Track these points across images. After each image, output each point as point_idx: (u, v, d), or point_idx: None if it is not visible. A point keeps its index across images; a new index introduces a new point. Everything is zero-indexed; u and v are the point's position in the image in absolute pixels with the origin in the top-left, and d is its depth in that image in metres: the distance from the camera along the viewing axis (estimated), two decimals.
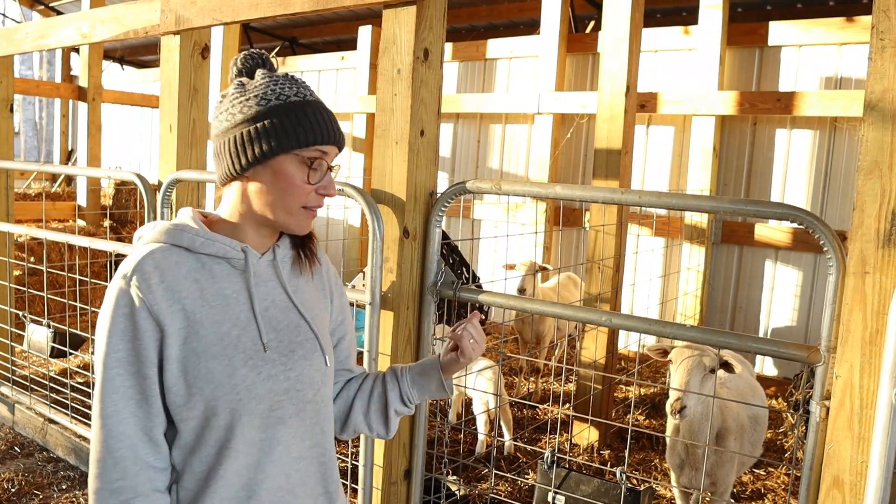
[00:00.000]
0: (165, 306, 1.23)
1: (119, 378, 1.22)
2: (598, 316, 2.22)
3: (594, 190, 2.18)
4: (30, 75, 15.12)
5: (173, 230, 1.29)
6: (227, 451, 1.26)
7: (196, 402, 1.24)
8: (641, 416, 4.73)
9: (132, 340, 1.22)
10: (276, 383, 1.29)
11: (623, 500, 2.25)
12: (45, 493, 3.62)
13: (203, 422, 1.25)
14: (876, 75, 1.66)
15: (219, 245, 1.29)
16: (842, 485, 1.74)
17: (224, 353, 1.25)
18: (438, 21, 2.37)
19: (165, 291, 1.23)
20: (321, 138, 1.29)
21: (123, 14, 3.28)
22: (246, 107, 1.28)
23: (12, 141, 4.65)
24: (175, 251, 1.28)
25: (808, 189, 5.48)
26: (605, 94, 4.09)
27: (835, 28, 5.25)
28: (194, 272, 1.27)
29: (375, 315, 2.41)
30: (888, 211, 1.64)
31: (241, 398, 1.25)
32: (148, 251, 1.27)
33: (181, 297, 1.24)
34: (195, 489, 1.27)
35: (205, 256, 1.29)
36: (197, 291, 1.26)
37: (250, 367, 1.26)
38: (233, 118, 1.29)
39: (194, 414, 1.25)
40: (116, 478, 1.21)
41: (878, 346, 1.66)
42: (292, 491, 1.33)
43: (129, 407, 1.22)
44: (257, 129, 1.26)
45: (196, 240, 1.28)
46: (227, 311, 1.27)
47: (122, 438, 1.21)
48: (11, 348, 4.47)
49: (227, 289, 1.29)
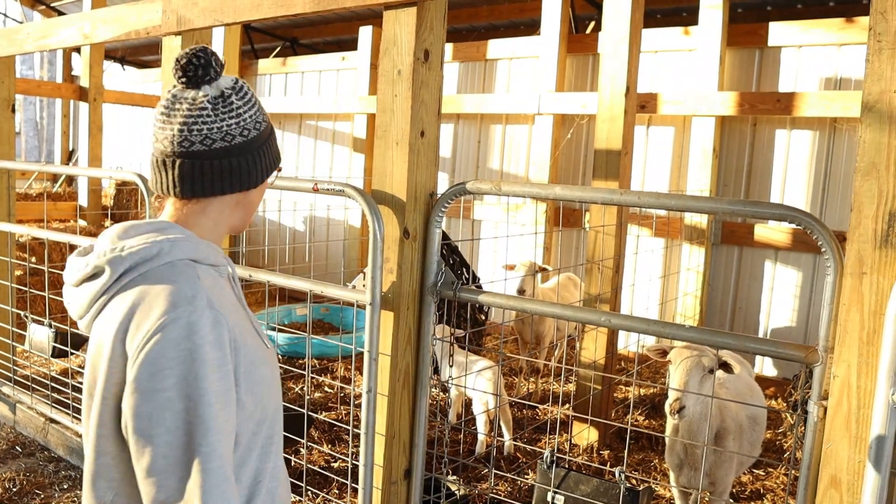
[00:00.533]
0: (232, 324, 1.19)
1: (221, 416, 1.12)
2: (597, 316, 2.23)
3: (593, 191, 2.19)
4: (31, 75, 15.14)
5: (188, 244, 1.24)
6: (269, 448, 1.30)
7: (259, 410, 1.25)
8: (641, 417, 4.73)
9: (221, 368, 1.13)
10: (278, 377, 1.39)
11: (622, 499, 2.25)
12: (46, 493, 3.63)
13: (256, 428, 1.26)
14: (873, 77, 1.66)
15: (217, 255, 1.30)
16: (839, 484, 1.75)
17: (262, 356, 1.29)
18: (439, 22, 2.38)
19: (222, 307, 1.19)
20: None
21: (125, 14, 3.29)
22: (245, 129, 1.29)
23: (13, 141, 4.66)
24: (192, 265, 1.23)
25: (807, 190, 5.49)
26: (605, 95, 4.10)
27: (834, 29, 5.26)
28: (215, 284, 1.26)
29: (376, 315, 2.42)
30: (885, 212, 1.65)
31: (274, 393, 1.33)
32: (192, 269, 1.21)
33: (227, 312, 1.21)
34: (245, 500, 1.25)
35: (211, 267, 1.28)
36: (227, 304, 1.24)
37: (272, 365, 1.34)
38: (233, 139, 1.27)
39: (253, 422, 1.24)
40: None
41: (876, 346, 1.66)
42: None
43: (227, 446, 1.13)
44: (269, 150, 1.34)
45: (210, 252, 1.28)
46: (239, 317, 1.28)
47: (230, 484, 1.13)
48: (13, 348, 4.48)
49: (230, 297, 1.31)
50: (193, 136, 1.25)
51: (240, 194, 1.33)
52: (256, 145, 1.31)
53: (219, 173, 1.27)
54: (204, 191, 1.28)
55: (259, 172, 1.33)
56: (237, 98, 1.29)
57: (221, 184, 1.28)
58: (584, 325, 4.28)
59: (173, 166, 1.27)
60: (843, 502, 1.74)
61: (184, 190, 1.27)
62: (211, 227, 1.32)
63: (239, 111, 1.28)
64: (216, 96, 1.27)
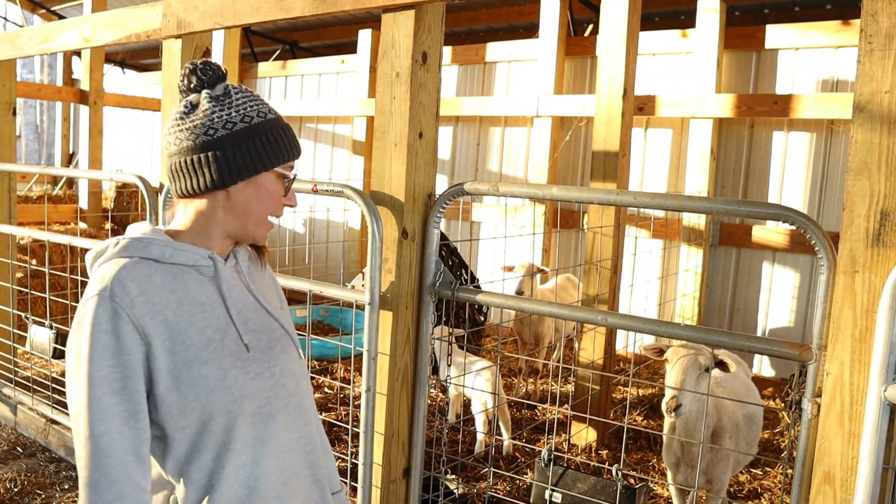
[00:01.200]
0: (148, 318, 1.23)
1: (106, 397, 1.19)
2: (594, 315, 2.25)
3: (590, 191, 2.21)
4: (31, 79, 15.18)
5: (139, 243, 1.29)
6: (226, 452, 1.28)
7: (192, 409, 1.25)
8: (640, 417, 4.75)
9: (116, 356, 1.20)
10: (263, 380, 1.33)
11: (619, 497, 2.28)
12: (47, 493, 3.65)
13: (199, 428, 1.26)
14: (865, 78, 1.69)
15: (188, 254, 1.32)
16: (833, 480, 1.76)
17: (213, 357, 1.27)
18: (437, 25, 2.41)
19: (146, 304, 1.24)
20: (295, 154, 1.39)
21: (125, 18, 3.32)
22: (229, 123, 1.31)
23: (14, 144, 4.69)
24: (145, 263, 1.28)
25: (805, 191, 5.51)
26: (603, 97, 4.13)
27: (831, 31, 5.29)
28: (168, 283, 1.28)
29: (374, 315, 2.44)
30: (877, 211, 1.67)
31: (236, 398, 1.28)
32: (120, 265, 1.26)
33: (161, 308, 1.25)
34: (196, 499, 1.28)
35: (174, 267, 1.31)
36: (174, 301, 1.27)
37: (239, 367, 1.30)
38: (215, 133, 1.31)
39: (190, 422, 1.26)
40: (111, 500, 1.18)
41: (868, 343, 1.68)
42: (286, 483, 1.36)
43: (118, 426, 1.19)
44: (247, 146, 1.31)
45: (165, 250, 1.30)
46: (206, 318, 1.30)
47: (114, 459, 1.19)
48: (14, 349, 4.50)
49: (200, 296, 1.31)
50: (169, 138, 1.37)
51: (222, 198, 1.34)
52: (225, 144, 1.30)
53: (185, 172, 1.33)
54: (177, 191, 1.36)
55: (227, 173, 1.31)
56: (208, 102, 1.33)
57: (187, 182, 1.33)
58: (582, 325, 4.31)
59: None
60: (837, 498, 1.76)
61: (171, 190, 1.40)
62: (198, 228, 1.36)
63: (208, 112, 1.32)
64: (190, 102, 1.35)
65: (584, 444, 4.30)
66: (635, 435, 4.40)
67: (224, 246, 1.39)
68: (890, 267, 1.63)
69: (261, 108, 1.35)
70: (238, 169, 1.31)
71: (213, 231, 1.36)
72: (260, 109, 1.35)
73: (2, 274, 4.50)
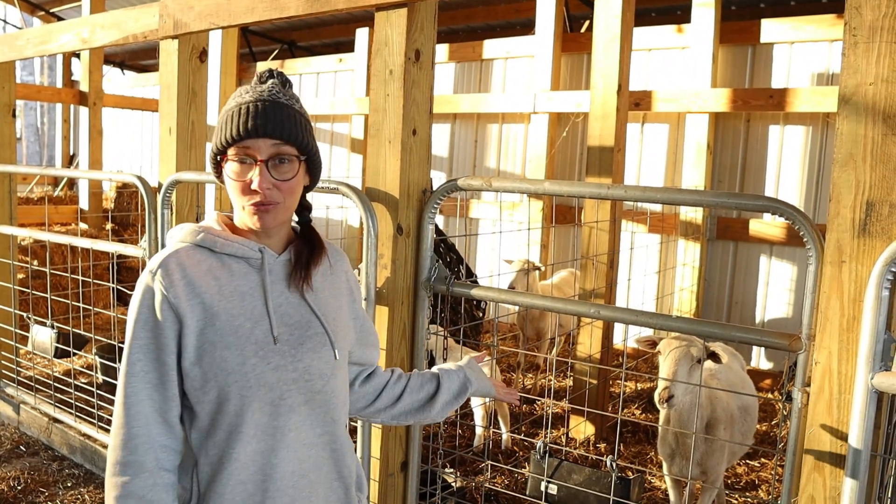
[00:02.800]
0: (185, 300, 1.33)
1: (139, 363, 1.33)
2: (587, 308, 2.27)
3: (582, 185, 2.23)
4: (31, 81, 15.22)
5: (196, 232, 1.41)
6: (237, 435, 1.34)
7: (210, 387, 1.34)
8: (638, 411, 4.78)
9: (153, 329, 1.33)
10: (284, 373, 1.38)
11: (614, 488, 2.30)
12: (50, 491, 3.69)
13: (216, 406, 1.35)
14: (849, 70, 1.71)
15: (237, 246, 1.41)
16: (822, 468, 1.79)
17: (237, 343, 1.35)
18: (429, 23, 2.43)
19: (186, 286, 1.34)
20: (237, 134, 1.34)
21: (123, 19, 3.34)
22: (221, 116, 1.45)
23: (14, 145, 4.72)
24: (198, 250, 1.40)
25: (801, 184, 5.53)
26: (598, 93, 4.15)
27: (826, 25, 5.30)
28: (214, 270, 1.39)
29: (370, 310, 2.47)
30: (863, 201, 1.70)
31: (251, 385, 1.34)
32: (173, 250, 1.39)
33: (201, 292, 1.35)
34: (210, 472, 1.36)
35: (225, 256, 1.41)
36: (216, 287, 1.37)
37: (260, 357, 1.36)
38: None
39: (209, 398, 1.35)
40: (127, 453, 1.31)
41: (855, 332, 1.71)
42: (305, 475, 1.42)
43: (147, 390, 1.32)
44: (216, 134, 1.42)
45: (217, 241, 1.40)
46: (242, 306, 1.38)
47: (137, 418, 1.32)
48: (16, 349, 4.54)
49: (243, 285, 1.39)
50: None
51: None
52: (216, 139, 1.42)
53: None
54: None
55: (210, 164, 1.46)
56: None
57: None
58: (579, 319, 4.33)
59: None
60: (826, 485, 1.78)
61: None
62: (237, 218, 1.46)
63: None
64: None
65: (582, 438, 4.33)
66: (633, 428, 4.43)
67: (279, 238, 1.47)
68: (876, 256, 1.65)
69: (242, 95, 1.39)
70: (211, 157, 1.44)
71: (240, 221, 1.46)
72: (240, 96, 1.39)
73: (3, 274, 4.53)
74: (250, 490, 1.36)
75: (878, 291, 1.60)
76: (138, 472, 1.31)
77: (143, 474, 1.31)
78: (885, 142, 1.65)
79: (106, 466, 1.34)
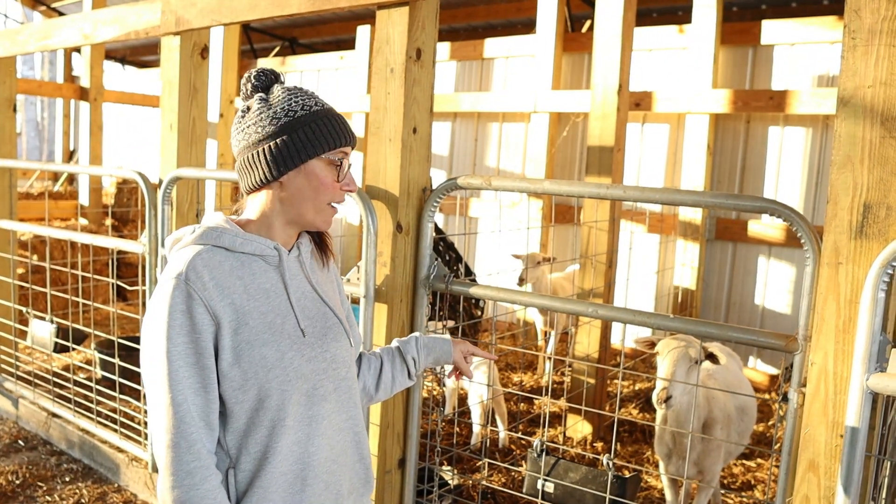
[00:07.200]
0: (218, 301, 1.36)
1: (182, 370, 1.33)
2: (585, 307, 2.28)
3: (581, 185, 2.24)
4: (32, 76, 15.21)
5: (213, 232, 1.43)
6: (280, 428, 1.39)
7: (250, 386, 1.37)
8: (635, 410, 4.79)
9: (190, 334, 1.33)
10: (316, 364, 1.45)
11: (610, 486, 2.31)
12: (48, 485, 3.70)
13: (256, 404, 1.38)
14: (848, 72, 1.72)
15: (256, 244, 1.44)
16: (817, 468, 1.80)
17: (273, 339, 1.39)
18: (430, 21, 2.44)
19: (217, 287, 1.36)
20: (343, 141, 1.46)
21: (125, 15, 3.35)
22: (275, 119, 1.43)
23: (15, 140, 4.73)
24: (217, 251, 1.41)
25: (801, 186, 5.54)
26: (598, 93, 4.16)
27: (827, 26, 5.31)
28: (237, 269, 1.41)
29: (369, 308, 2.48)
30: (860, 203, 1.71)
31: (290, 379, 1.40)
32: (195, 252, 1.39)
33: (230, 293, 1.38)
34: (252, 469, 1.40)
35: (243, 255, 1.43)
36: (241, 287, 1.40)
37: (295, 350, 1.41)
38: (263, 130, 1.43)
39: (248, 397, 1.38)
40: (191, 459, 1.32)
41: (851, 333, 1.72)
42: (336, 460, 1.49)
43: (192, 396, 1.33)
44: (291, 138, 1.41)
45: (235, 240, 1.42)
46: (269, 303, 1.42)
47: (192, 424, 1.33)
48: (15, 344, 4.54)
49: (265, 283, 1.43)
50: (232, 142, 1.52)
51: (277, 189, 1.45)
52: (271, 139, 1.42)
53: (244, 170, 1.47)
54: (243, 188, 1.50)
55: (275, 165, 1.43)
56: (258, 104, 1.45)
57: (247, 179, 1.47)
58: (577, 318, 4.34)
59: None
60: (821, 486, 1.79)
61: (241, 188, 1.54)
62: (262, 219, 1.48)
63: (257, 113, 1.45)
64: (247, 107, 1.48)
65: (579, 437, 4.34)
66: (631, 427, 4.44)
67: (287, 236, 1.49)
68: (872, 258, 1.66)
69: (305, 102, 1.45)
70: (284, 160, 1.42)
71: (274, 221, 1.47)
72: (305, 103, 1.44)
73: (3, 269, 4.54)
74: (290, 479, 1.41)
75: (875, 293, 1.61)
76: (207, 476, 1.34)
77: (210, 478, 1.34)
78: (882, 144, 1.66)
79: (162, 476, 1.33)
